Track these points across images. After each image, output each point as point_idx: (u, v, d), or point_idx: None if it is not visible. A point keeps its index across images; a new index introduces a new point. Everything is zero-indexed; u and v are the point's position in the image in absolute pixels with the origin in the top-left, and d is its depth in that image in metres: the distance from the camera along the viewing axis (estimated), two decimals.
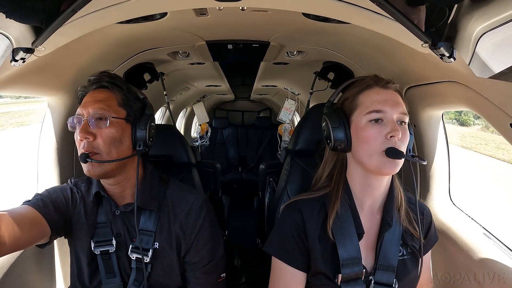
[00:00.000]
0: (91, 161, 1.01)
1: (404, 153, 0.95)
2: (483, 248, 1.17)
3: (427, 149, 1.46)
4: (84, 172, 1.04)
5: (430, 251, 1.14)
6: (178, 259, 1.15)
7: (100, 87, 1.10)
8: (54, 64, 1.22)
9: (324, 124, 1.08)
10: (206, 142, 4.74)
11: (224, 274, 1.21)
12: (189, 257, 1.15)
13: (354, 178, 1.05)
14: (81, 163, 1.02)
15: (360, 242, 1.01)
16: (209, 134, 4.77)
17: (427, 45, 0.87)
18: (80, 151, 1.03)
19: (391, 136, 0.93)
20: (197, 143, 4.54)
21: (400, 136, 0.93)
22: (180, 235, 1.14)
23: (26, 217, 0.99)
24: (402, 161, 0.95)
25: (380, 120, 0.96)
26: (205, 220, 1.16)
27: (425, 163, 0.97)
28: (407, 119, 0.98)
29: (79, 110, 1.05)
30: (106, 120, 1.03)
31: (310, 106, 2.13)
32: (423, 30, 0.82)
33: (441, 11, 0.79)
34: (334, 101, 1.11)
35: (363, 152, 0.98)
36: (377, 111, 0.96)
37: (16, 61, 0.91)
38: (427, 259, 1.14)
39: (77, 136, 1.03)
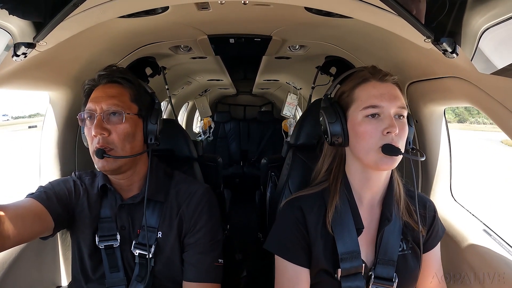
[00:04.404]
0: (108, 157, 1.02)
1: (403, 148, 0.94)
2: (483, 244, 1.17)
3: (429, 144, 1.46)
4: (98, 168, 1.06)
5: (438, 245, 1.11)
6: (180, 246, 1.16)
7: (111, 82, 1.10)
8: (55, 59, 1.22)
9: (321, 118, 1.07)
10: (209, 137, 4.72)
11: (221, 261, 1.20)
12: (187, 239, 1.16)
13: (352, 172, 1.05)
14: (96, 159, 1.04)
15: (360, 237, 1.01)
16: (212, 128, 4.75)
17: (429, 40, 0.86)
18: (93, 146, 1.04)
19: (387, 132, 0.91)
20: (200, 138, 4.53)
21: (397, 131, 0.91)
22: (182, 220, 1.15)
23: (30, 210, 1.00)
24: (400, 156, 0.93)
25: (377, 115, 0.94)
26: (206, 205, 1.17)
27: (423, 159, 0.96)
28: (405, 113, 0.96)
29: (90, 105, 1.06)
30: (121, 116, 1.05)
31: (312, 100, 2.12)
32: (426, 25, 0.82)
33: (443, 6, 0.79)
34: (331, 95, 1.10)
35: (360, 148, 0.97)
36: (374, 106, 0.94)
37: (18, 56, 0.91)
38: (436, 252, 1.11)
39: (89, 131, 1.04)
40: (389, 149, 0.91)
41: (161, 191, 1.17)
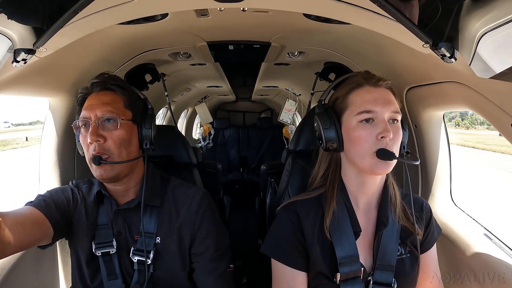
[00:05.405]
0: (105, 163, 1.02)
1: (397, 152, 0.95)
2: (483, 248, 1.16)
3: (428, 149, 1.46)
4: (96, 176, 1.06)
5: (435, 246, 1.11)
6: (181, 252, 1.15)
7: (104, 89, 1.11)
8: (55, 65, 1.22)
9: (315, 124, 1.07)
10: (209, 143, 4.72)
11: (232, 265, 1.19)
12: (195, 248, 1.15)
13: (348, 177, 1.05)
14: (93, 167, 1.04)
15: (358, 241, 1.01)
16: (212, 135, 4.76)
17: (428, 45, 0.86)
18: (90, 154, 1.04)
19: (382, 137, 0.92)
20: (200, 145, 4.52)
21: (391, 136, 0.92)
22: (183, 227, 1.15)
23: (30, 217, 0.99)
24: (394, 161, 0.94)
25: (371, 120, 0.95)
26: (207, 210, 1.17)
27: (417, 162, 0.97)
28: (399, 117, 0.97)
29: (84, 113, 1.06)
30: (116, 122, 1.05)
31: (311, 107, 2.13)
32: (424, 30, 0.82)
33: (440, 10, 0.79)
34: (325, 100, 1.11)
35: (355, 152, 0.98)
36: (368, 112, 0.95)
37: (18, 62, 0.91)
38: (432, 254, 1.11)
39: (85, 139, 1.05)
40: (384, 154, 0.92)
41: (157, 195, 1.17)
